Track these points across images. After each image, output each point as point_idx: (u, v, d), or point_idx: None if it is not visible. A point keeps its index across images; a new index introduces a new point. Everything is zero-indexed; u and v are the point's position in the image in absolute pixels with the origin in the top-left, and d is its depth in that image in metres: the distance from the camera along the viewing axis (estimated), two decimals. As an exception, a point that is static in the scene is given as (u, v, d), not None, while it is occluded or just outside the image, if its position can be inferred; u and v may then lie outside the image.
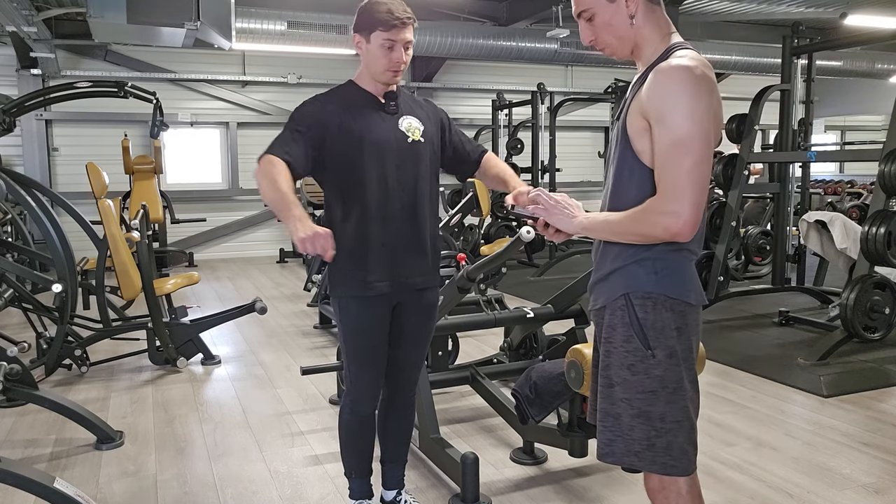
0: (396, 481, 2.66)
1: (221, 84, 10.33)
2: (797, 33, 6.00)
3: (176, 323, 4.87)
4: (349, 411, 2.48)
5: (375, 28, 2.19)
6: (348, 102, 2.28)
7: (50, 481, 2.25)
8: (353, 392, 2.44)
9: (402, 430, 2.63)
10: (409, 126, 2.34)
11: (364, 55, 2.26)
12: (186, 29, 5.09)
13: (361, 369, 2.39)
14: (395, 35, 2.19)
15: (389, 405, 2.58)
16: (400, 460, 2.65)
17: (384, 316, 2.35)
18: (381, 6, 2.20)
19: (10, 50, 8.99)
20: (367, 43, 2.23)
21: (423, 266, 2.38)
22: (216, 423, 3.76)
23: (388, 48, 2.21)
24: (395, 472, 2.65)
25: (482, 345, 5.13)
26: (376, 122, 2.28)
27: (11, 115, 5.37)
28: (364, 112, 2.28)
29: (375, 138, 2.26)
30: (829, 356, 4.57)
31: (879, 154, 4.61)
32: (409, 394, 2.59)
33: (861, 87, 12.82)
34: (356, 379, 2.41)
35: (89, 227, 5.15)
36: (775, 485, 2.94)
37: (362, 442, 2.52)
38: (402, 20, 2.20)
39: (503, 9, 9.59)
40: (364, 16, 2.22)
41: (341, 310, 2.33)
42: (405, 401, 2.60)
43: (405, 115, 2.35)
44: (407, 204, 2.31)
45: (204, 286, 7.98)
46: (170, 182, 10.12)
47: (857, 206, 8.58)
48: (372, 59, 2.23)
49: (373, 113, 2.29)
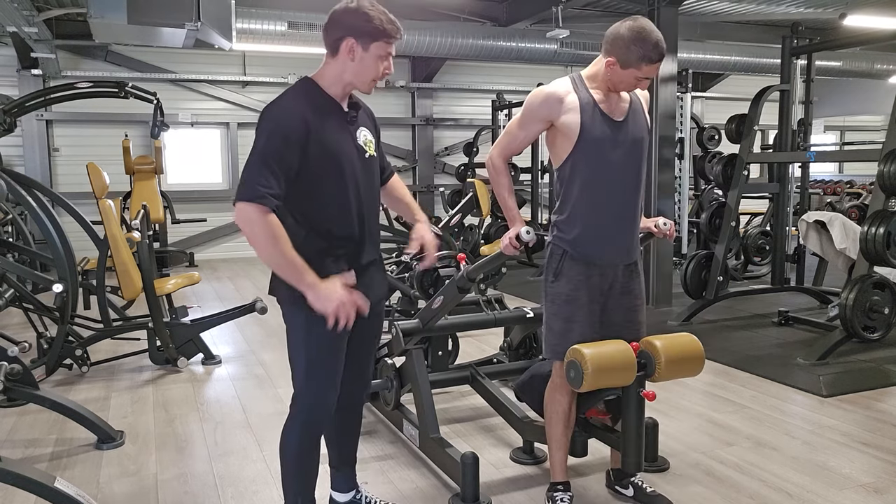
0: (354, 481, 2.64)
1: (222, 84, 10.34)
2: (796, 34, 6.00)
3: (176, 323, 4.88)
4: (301, 431, 2.28)
5: (379, 38, 2.11)
6: (319, 111, 2.14)
7: (50, 481, 2.25)
8: (308, 410, 2.26)
9: (358, 428, 2.60)
10: (366, 140, 2.27)
11: (354, 62, 2.13)
12: (187, 29, 5.09)
13: (326, 381, 2.24)
14: (393, 47, 2.16)
15: (348, 406, 2.48)
16: (355, 459, 2.63)
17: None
18: (381, 15, 2.12)
19: (11, 50, 9.00)
20: (365, 51, 2.12)
21: (382, 283, 2.42)
22: (217, 423, 3.76)
23: (383, 59, 2.15)
24: (352, 472, 2.62)
25: (482, 345, 5.13)
26: (343, 135, 2.19)
27: (12, 115, 5.37)
28: (332, 123, 2.16)
29: (346, 154, 2.17)
30: (828, 356, 4.57)
31: (879, 154, 4.61)
32: (365, 392, 2.59)
33: (860, 88, 12.81)
34: (317, 393, 2.24)
35: (90, 227, 5.16)
36: (775, 484, 2.95)
37: (315, 462, 2.36)
38: (401, 32, 2.16)
39: (503, 9, 9.59)
40: (364, 23, 2.10)
41: (309, 324, 2.15)
42: (361, 399, 2.57)
43: (360, 126, 2.27)
44: (368, 220, 2.25)
45: (204, 286, 7.99)
46: (170, 182, 10.13)
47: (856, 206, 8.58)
48: (363, 67, 2.13)
49: (338, 124, 2.18)
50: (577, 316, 2.52)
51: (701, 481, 2.99)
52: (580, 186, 2.49)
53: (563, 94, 2.46)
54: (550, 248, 2.60)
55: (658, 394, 2.54)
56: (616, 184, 2.50)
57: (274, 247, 2.01)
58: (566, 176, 2.52)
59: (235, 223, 2.08)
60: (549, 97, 2.47)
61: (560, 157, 2.52)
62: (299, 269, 2.03)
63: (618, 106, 2.50)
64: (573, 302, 2.52)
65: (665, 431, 3.33)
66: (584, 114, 2.43)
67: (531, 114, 2.52)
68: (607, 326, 2.58)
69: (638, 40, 2.33)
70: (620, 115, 2.50)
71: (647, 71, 2.38)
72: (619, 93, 2.50)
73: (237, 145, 10.48)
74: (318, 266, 2.11)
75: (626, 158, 2.50)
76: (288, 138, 2.05)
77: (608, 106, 2.48)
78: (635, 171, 2.54)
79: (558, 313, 2.55)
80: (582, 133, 2.43)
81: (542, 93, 2.49)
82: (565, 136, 2.47)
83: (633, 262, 2.60)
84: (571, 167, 2.49)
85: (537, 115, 2.51)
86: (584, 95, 2.46)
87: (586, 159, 2.46)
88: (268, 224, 2.00)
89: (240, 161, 10.46)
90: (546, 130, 2.53)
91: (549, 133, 2.54)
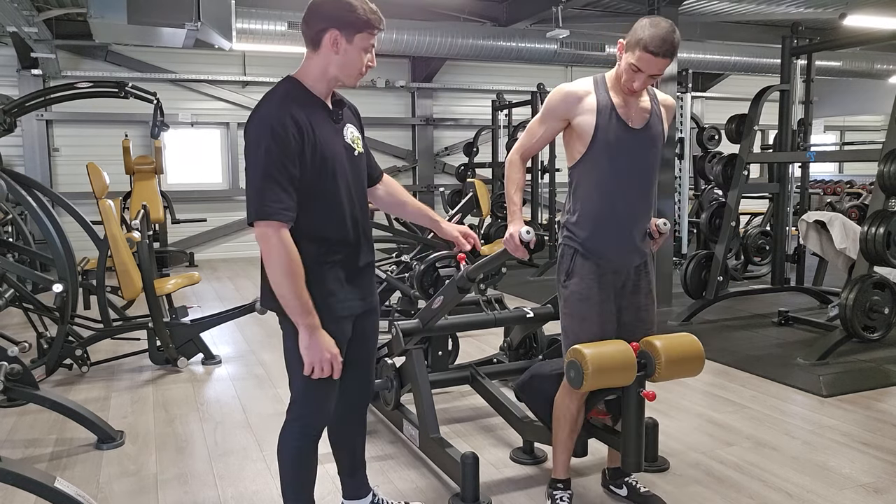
0: (368, 485, 2.60)
1: (222, 84, 10.34)
2: (796, 34, 6.00)
3: (176, 323, 4.88)
4: (300, 437, 2.24)
5: (363, 29, 2.04)
6: (307, 112, 2.05)
7: (50, 481, 2.25)
8: (308, 415, 2.23)
9: (365, 429, 2.57)
10: (353, 137, 2.21)
11: (338, 55, 2.05)
12: (187, 29, 5.09)
13: (318, 391, 2.18)
14: (376, 38, 2.09)
15: (350, 413, 2.46)
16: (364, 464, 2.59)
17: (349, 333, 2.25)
18: (364, 4, 2.04)
19: (11, 50, 9.00)
20: (349, 43, 2.03)
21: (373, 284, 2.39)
22: (217, 423, 3.76)
23: (367, 51, 2.08)
24: (365, 475, 2.59)
25: (482, 345, 5.13)
26: (331, 134, 2.12)
27: (12, 115, 5.37)
28: (320, 123, 2.08)
29: (335, 154, 2.11)
30: (828, 356, 4.57)
31: (879, 154, 4.61)
32: (369, 394, 2.54)
33: (860, 88, 12.82)
34: (316, 400, 2.21)
35: (90, 227, 5.16)
36: (775, 484, 2.95)
37: (314, 466, 2.32)
38: (383, 22, 2.09)
39: (503, 9, 9.60)
40: (347, 13, 2.01)
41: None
42: (365, 403, 2.54)
43: (346, 123, 2.20)
44: (361, 221, 2.22)
45: (204, 286, 7.99)
46: (170, 182, 10.13)
47: (856, 206, 8.57)
48: (349, 60, 2.06)
49: (326, 124, 2.11)
50: (591, 314, 2.51)
51: (701, 481, 2.99)
52: (591, 189, 2.49)
53: (582, 94, 2.46)
54: (561, 249, 2.59)
55: (658, 394, 2.54)
56: (626, 188, 2.50)
57: (285, 277, 1.99)
58: (578, 177, 2.52)
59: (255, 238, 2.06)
60: (567, 96, 2.47)
61: (574, 157, 2.53)
62: (306, 308, 2.00)
63: (637, 112, 2.48)
64: (586, 300, 2.51)
65: (665, 431, 3.33)
66: (600, 116, 2.43)
67: (550, 111, 2.52)
68: (620, 326, 2.58)
69: (649, 27, 2.33)
70: (639, 122, 2.48)
71: (641, 60, 2.33)
72: (637, 96, 2.47)
73: (237, 145, 10.49)
74: (316, 276, 2.09)
75: (638, 165, 2.50)
76: (286, 146, 1.97)
77: (626, 111, 2.46)
78: (646, 177, 2.54)
79: (573, 313, 2.54)
80: (595, 136, 2.44)
81: (563, 91, 2.49)
82: (579, 137, 2.47)
83: (644, 262, 2.61)
84: (583, 169, 2.50)
85: (555, 112, 2.51)
86: (602, 98, 2.45)
87: (598, 162, 2.46)
88: (283, 246, 1.97)
89: (240, 161, 10.47)
90: (564, 129, 2.53)
91: (565, 132, 2.54)
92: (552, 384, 2.74)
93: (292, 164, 1.99)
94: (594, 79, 2.51)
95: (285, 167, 1.97)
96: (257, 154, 1.98)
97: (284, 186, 1.97)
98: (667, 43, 2.32)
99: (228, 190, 10.57)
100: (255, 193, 1.98)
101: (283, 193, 1.97)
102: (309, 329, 2.02)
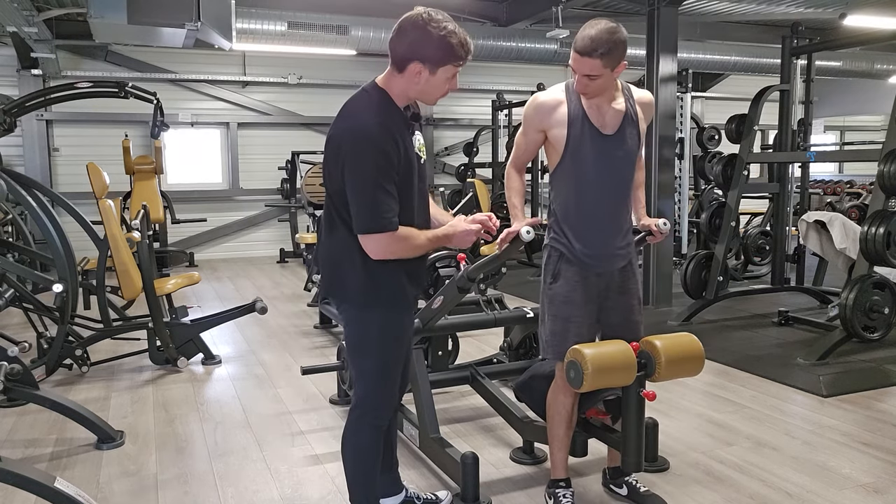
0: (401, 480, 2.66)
1: (222, 84, 10.33)
2: (796, 34, 6.00)
3: (176, 323, 4.88)
4: (371, 433, 2.30)
5: (448, 62, 2.07)
6: (396, 123, 2.13)
7: (50, 481, 2.25)
8: (375, 407, 2.30)
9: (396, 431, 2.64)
10: (420, 146, 2.27)
11: (419, 85, 2.10)
12: (187, 29, 5.09)
13: (389, 379, 2.29)
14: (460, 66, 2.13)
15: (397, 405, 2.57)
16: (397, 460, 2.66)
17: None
18: (452, 37, 2.04)
19: (11, 50, 9.00)
20: (432, 75, 2.08)
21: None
22: (217, 423, 3.76)
23: (450, 79, 2.13)
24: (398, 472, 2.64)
25: (482, 345, 5.13)
26: (410, 144, 2.19)
27: (12, 115, 5.37)
28: (403, 133, 2.15)
29: (412, 162, 2.19)
30: (828, 356, 4.57)
31: (879, 154, 4.61)
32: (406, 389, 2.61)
33: (860, 88, 12.81)
34: (383, 390, 2.28)
35: (90, 227, 5.16)
36: (775, 484, 2.95)
37: (378, 460, 2.37)
38: (471, 53, 2.12)
39: (503, 9, 9.59)
40: (434, 50, 2.04)
41: (385, 322, 2.23)
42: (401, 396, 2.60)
43: (416, 132, 2.27)
44: (423, 226, 2.27)
45: (204, 286, 7.99)
46: (170, 182, 10.12)
47: (856, 206, 8.56)
48: (430, 87, 2.11)
49: (407, 134, 2.18)
50: (575, 316, 2.54)
51: (701, 481, 2.99)
52: (567, 195, 2.54)
53: (554, 105, 2.47)
54: (548, 251, 2.62)
55: (658, 394, 2.54)
56: (601, 195, 2.51)
57: (415, 248, 2.14)
58: (556, 184, 2.58)
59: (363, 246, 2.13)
60: (539, 108, 2.50)
61: (552, 164, 2.57)
62: (438, 239, 2.18)
63: (610, 117, 2.46)
64: (571, 303, 2.55)
65: (665, 431, 3.33)
66: (571, 127, 2.44)
67: (527, 123, 2.57)
68: (606, 327, 2.61)
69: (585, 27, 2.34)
70: (612, 127, 2.47)
71: (573, 59, 2.33)
72: (609, 98, 2.46)
73: (237, 145, 10.48)
74: (396, 284, 2.20)
75: (613, 172, 2.50)
76: (388, 155, 2.05)
77: (599, 117, 2.45)
78: (623, 181, 2.56)
79: (557, 314, 2.57)
80: (567, 146, 2.46)
81: (535, 103, 2.52)
82: (553, 147, 2.52)
83: (628, 263, 2.62)
84: (560, 176, 2.55)
85: (531, 124, 2.55)
86: (574, 107, 2.44)
87: (572, 171, 2.49)
88: (403, 241, 2.10)
89: (240, 161, 10.48)
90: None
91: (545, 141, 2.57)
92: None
93: (396, 171, 2.09)
94: (566, 85, 2.50)
95: (389, 176, 2.06)
96: (365, 166, 2.04)
97: (392, 194, 2.07)
98: (591, 41, 2.28)
99: (228, 190, 10.56)
100: (368, 204, 2.05)
101: (391, 200, 2.07)
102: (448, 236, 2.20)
